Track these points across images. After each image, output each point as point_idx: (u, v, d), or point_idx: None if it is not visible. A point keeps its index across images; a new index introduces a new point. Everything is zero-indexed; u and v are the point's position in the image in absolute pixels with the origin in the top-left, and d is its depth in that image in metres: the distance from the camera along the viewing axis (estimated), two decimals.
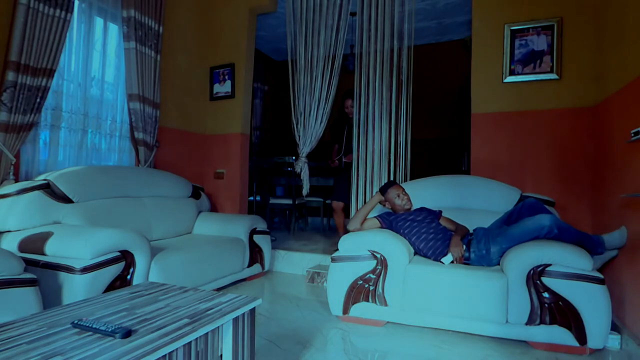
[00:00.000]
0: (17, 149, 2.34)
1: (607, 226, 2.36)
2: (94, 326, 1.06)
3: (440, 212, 2.54)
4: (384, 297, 2.19)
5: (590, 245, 2.05)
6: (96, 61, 2.96)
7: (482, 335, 2.07)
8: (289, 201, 4.58)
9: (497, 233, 2.22)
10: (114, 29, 3.12)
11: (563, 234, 2.04)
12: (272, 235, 3.75)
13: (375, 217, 2.55)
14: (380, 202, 2.62)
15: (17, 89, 2.29)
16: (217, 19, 4.05)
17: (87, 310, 1.25)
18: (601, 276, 1.86)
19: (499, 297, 1.96)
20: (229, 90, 3.95)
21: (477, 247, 2.22)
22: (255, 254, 3.16)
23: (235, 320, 1.32)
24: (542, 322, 1.90)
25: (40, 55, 2.38)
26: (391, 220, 2.49)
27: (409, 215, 2.47)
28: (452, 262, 2.21)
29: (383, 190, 2.60)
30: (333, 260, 2.35)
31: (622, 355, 1.91)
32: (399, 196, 2.53)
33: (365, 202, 3.31)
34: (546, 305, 1.90)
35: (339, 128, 3.82)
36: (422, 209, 2.54)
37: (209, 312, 1.25)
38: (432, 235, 2.34)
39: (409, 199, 2.55)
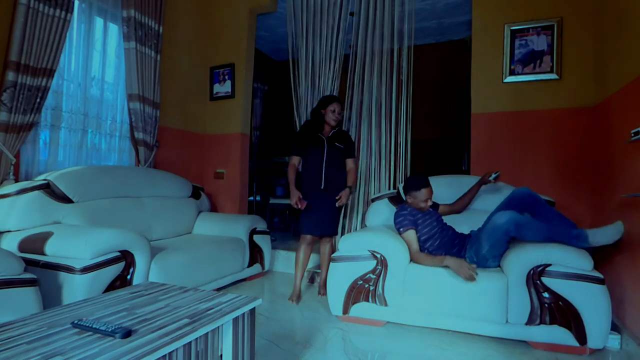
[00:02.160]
0: (17, 149, 2.34)
1: None
2: (94, 326, 1.06)
3: (437, 206, 2.55)
4: (384, 297, 2.19)
5: (567, 240, 1.97)
6: (96, 61, 2.96)
7: (482, 335, 2.07)
8: (289, 201, 4.56)
9: (478, 238, 2.20)
10: (114, 29, 3.12)
11: (523, 231, 2.00)
12: (272, 235, 3.74)
13: (409, 228, 2.29)
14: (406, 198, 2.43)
15: (17, 89, 2.28)
16: (217, 19, 4.05)
17: (87, 310, 1.25)
18: (601, 276, 1.86)
19: (499, 297, 1.96)
20: (229, 90, 3.95)
21: (469, 254, 2.24)
22: (255, 254, 3.16)
23: (235, 320, 1.32)
24: (542, 322, 1.90)
25: (40, 55, 2.38)
26: (416, 219, 2.34)
27: (428, 219, 2.35)
28: None
29: (416, 186, 2.34)
30: (333, 260, 2.35)
31: (622, 355, 1.91)
32: (426, 201, 2.32)
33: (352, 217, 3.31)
34: (546, 305, 1.90)
35: (314, 144, 2.77)
36: (430, 212, 2.42)
37: (209, 312, 1.25)
38: (445, 241, 2.32)
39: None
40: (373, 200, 2.96)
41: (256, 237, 3.19)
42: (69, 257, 1.88)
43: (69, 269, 1.82)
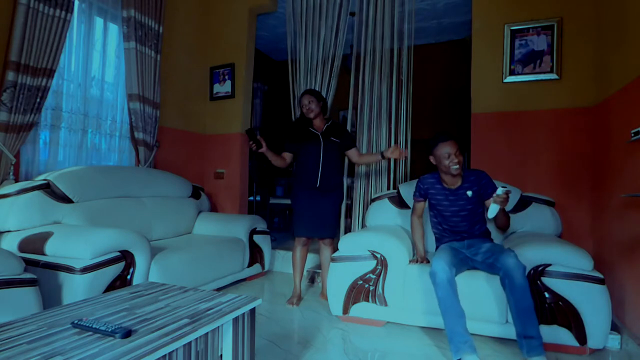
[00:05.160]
0: (17, 149, 2.34)
1: (607, 226, 2.36)
2: (94, 326, 1.06)
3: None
4: (384, 297, 2.19)
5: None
6: (96, 61, 2.96)
7: (482, 335, 2.06)
8: (288, 201, 4.57)
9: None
10: (114, 29, 3.12)
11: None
12: (272, 235, 3.74)
13: (417, 200, 2.33)
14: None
15: (17, 89, 2.28)
16: (217, 19, 4.05)
17: (87, 310, 1.25)
18: (601, 276, 1.86)
19: (498, 297, 1.96)
20: (229, 90, 3.95)
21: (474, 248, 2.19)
22: (255, 254, 3.16)
23: (235, 320, 1.32)
24: (542, 322, 1.89)
25: (40, 55, 2.38)
26: (426, 189, 2.27)
27: (444, 196, 2.20)
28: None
29: (432, 143, 2.15)
30: (333, 260, 2.35)
31: (622, 355, 1.91)
32: (448, 156, 2.09)
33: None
34: (546, 305, 1.90)
35: (309, 140, 2.66)
36: (455, 193, 2.17)
37: (209, 312, 1.25)
38: (451, 229, 2.24)
39: (459, 163, 2.09)
40: (373, 200, 2.96)
41: (256, 237, 3.19)
42: (69, 257, 1.88)
43: (69, 269, 1.82)
